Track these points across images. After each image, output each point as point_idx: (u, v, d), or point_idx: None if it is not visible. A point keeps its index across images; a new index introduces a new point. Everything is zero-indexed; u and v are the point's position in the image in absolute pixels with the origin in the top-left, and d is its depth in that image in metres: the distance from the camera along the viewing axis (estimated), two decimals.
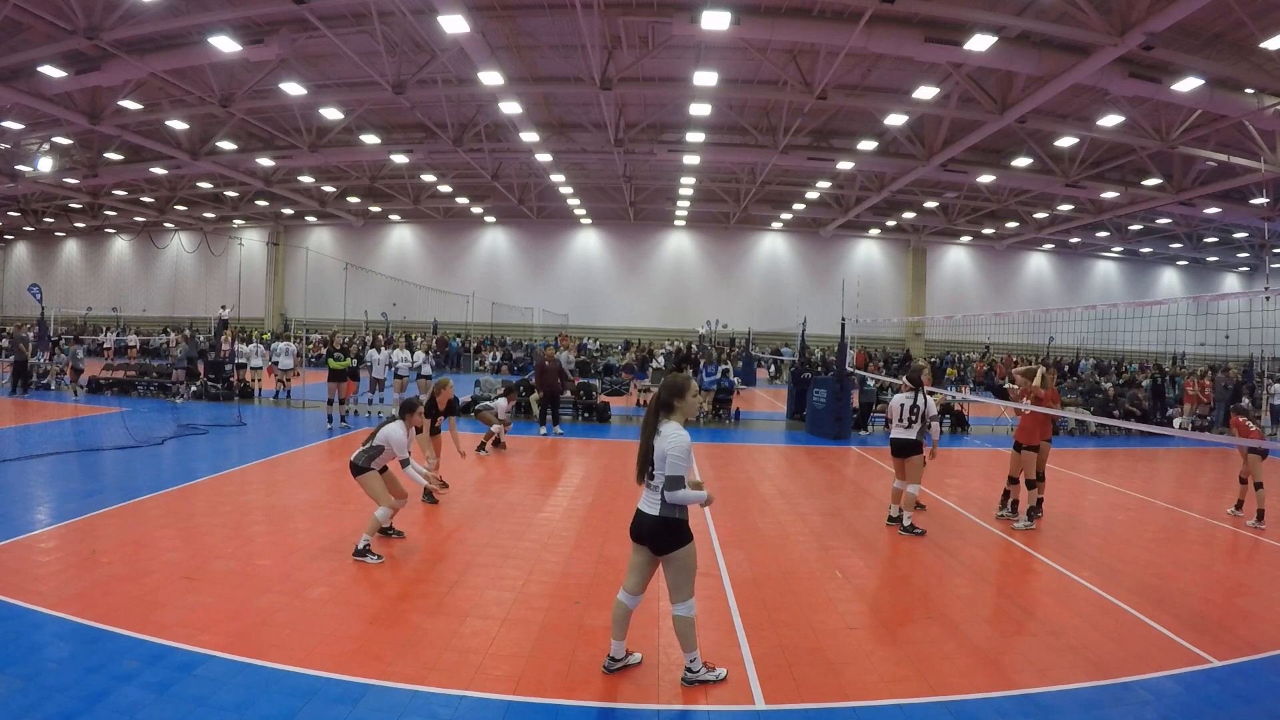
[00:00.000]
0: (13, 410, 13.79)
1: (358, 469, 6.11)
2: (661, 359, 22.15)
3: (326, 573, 5.63)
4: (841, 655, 4.52)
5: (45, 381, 18.08)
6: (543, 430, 13.55)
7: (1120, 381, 22.98)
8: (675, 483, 3.86)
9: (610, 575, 5.84)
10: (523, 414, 14.85)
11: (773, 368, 31.79)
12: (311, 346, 28.54)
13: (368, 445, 6.16)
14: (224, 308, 20.74)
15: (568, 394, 16.26)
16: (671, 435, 3.93)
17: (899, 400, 7.63)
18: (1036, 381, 8.13)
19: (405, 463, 6.12)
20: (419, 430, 7.25)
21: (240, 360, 17.85)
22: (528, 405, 15.06)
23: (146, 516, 6.97)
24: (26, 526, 6.40)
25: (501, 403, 12.08)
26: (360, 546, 5.92)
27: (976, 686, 4.15)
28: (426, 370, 16.01)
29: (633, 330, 36.01)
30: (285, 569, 5.69)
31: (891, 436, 7.67)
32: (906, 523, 7.46)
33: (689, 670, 4.08)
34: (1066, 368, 28.64)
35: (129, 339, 30.06)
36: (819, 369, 18.92)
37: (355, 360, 14.80)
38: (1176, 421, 17.73)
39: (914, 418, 7.49)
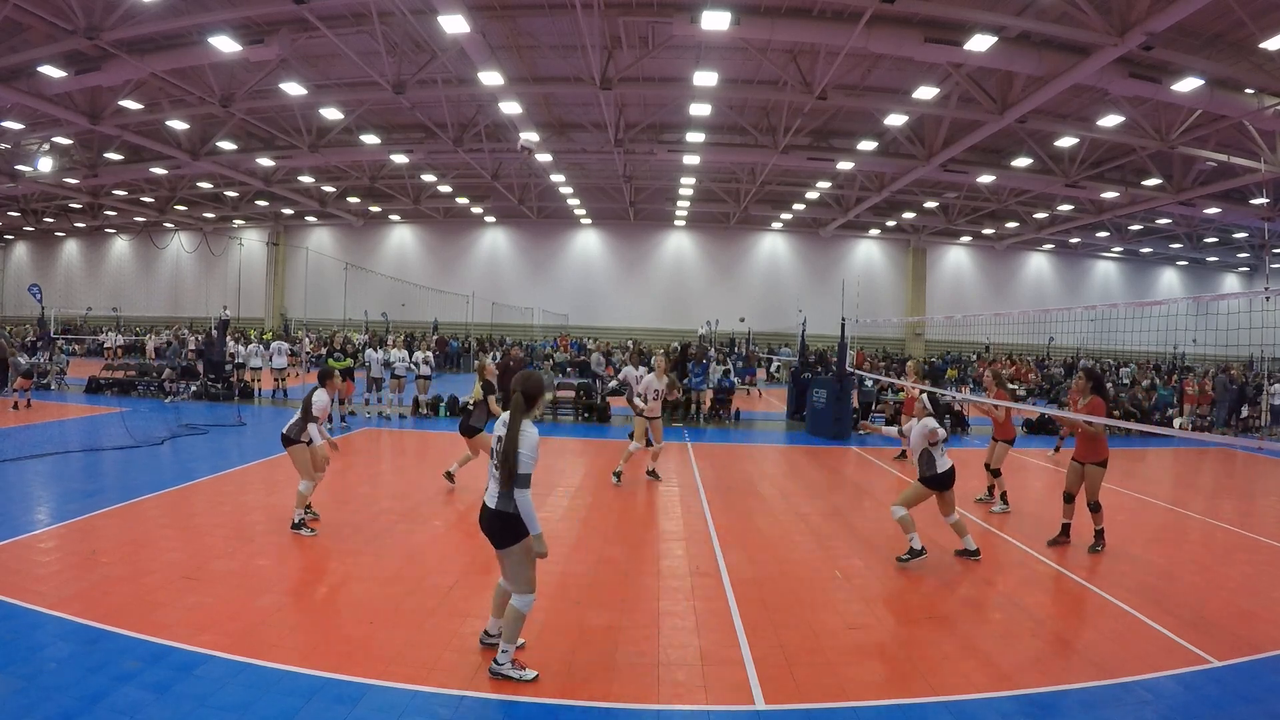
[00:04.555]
0: (12, 410, 13.78)
1: (288, 440, 6.56)
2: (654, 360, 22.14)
3: (326, 573, 5.63)
4: (841, 655, 4.52)
5: (45, 381, 18.07)
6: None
7: (1122, 381, 22.98)
8: (521, 481, 3.85)
9: (610, 575, 5.85)
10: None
11: (773, 365, 31.80)
12: (312, 347, 28.52)
13: (298, 417, 6.57)
14: (225, 308, 20.77)
15: (568, 394, 16.28)
16: (526, 433, 3.91)
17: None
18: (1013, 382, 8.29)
19: (314, 419, 6.60)
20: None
21: (240, 360, 17.85)
22: None
23: (146, 516, 6.97)
24: (26, 526, 6.40)
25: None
26: (295, 521, 6.45)
27: (976, 686, 4.14)
28: (425, 370, 15.97)
29: (633, 330, 36.01)
30: (285, 569, 5.70)
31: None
32: (972, 546, 6.64)
33: (496, 662, 4.04)
34: (1062, 368, 28.58)
35: (117, 338, 30.04)
36: (819, 369, 18.92)
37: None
38: (1176, 422, 17.73)
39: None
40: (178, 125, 22.07)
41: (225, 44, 14.82)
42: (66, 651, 4.11)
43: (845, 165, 23.09)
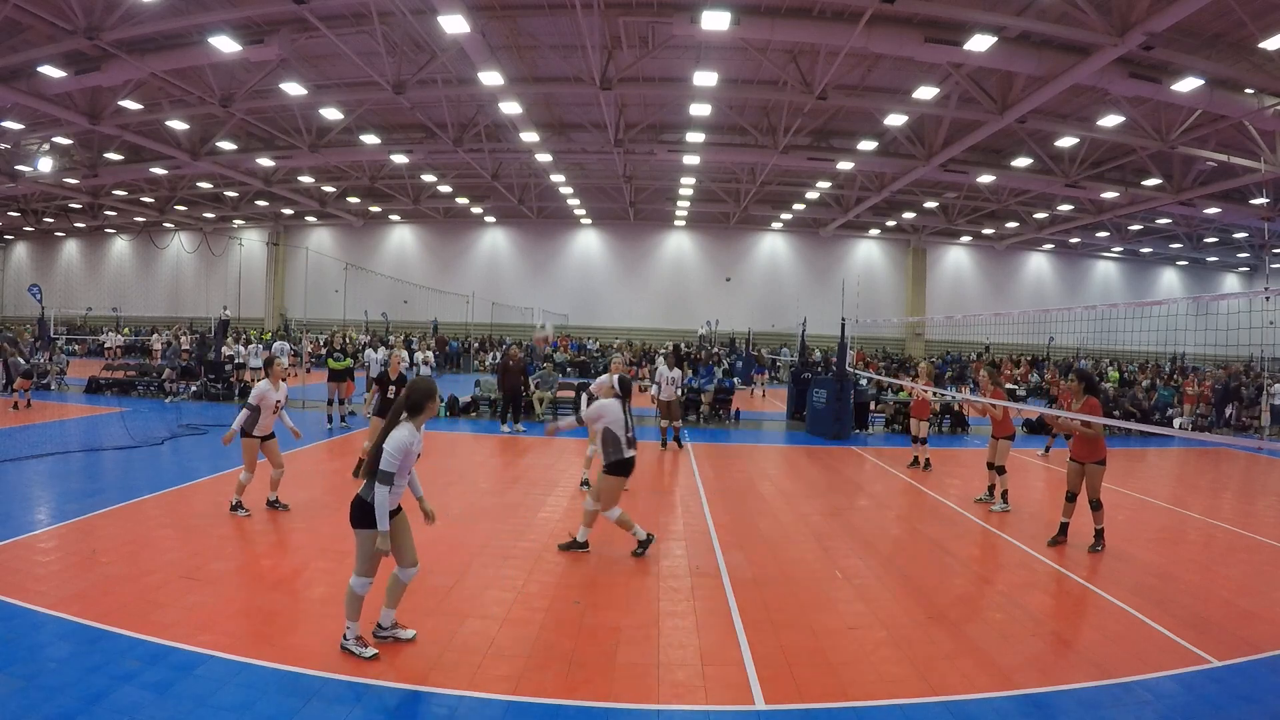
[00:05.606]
0: (12, 410, 13.78)
1: (241, 433, 7.04)
2: (660, 359, 22.23)
3: (326, 573, 5.63)
4: (841, 655, 4.52)
5: (45, 382, 18.07)
6: (504, 428, 13.56)
7: (1122, 381, 22.98)
8: (381, 478, 4.09)
9: (611, 575, 5.85)
10: (525, 413, 14.86)
11: (774, 366, 31.84)
12: (312, 347, 28.54)
13: (244, 408, 7.07)
14: (225, 308, 20.80)
15: (568, 394, 16.29)
16: (393, 433, 4.15)
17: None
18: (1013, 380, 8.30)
19: (253, 408, 7.05)
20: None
21: (240, 361, 17.90)
22: (530, 405, 15.11)
23: (146, 516, 6.97)
24: (26, 526, 6.40)
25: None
26: (233, 503, 7.04)
27: (976, 686, 4.15)
28: (426, 370, 15.99)
29: (633, 330, 36.02)
30: (285, 569, 5.70)
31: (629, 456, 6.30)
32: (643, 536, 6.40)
33: (344, 638, 4.27)
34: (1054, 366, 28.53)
35: (115, 338, 30.03)
36: (818, 368, 18.92)
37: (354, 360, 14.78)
38: (1176, 422, 17.73)
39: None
40: (178, 125, 22.06)
41: (225, 44, 14.82)
42: (66, 651, 4.11)
43: (845, 165, 23.08)
